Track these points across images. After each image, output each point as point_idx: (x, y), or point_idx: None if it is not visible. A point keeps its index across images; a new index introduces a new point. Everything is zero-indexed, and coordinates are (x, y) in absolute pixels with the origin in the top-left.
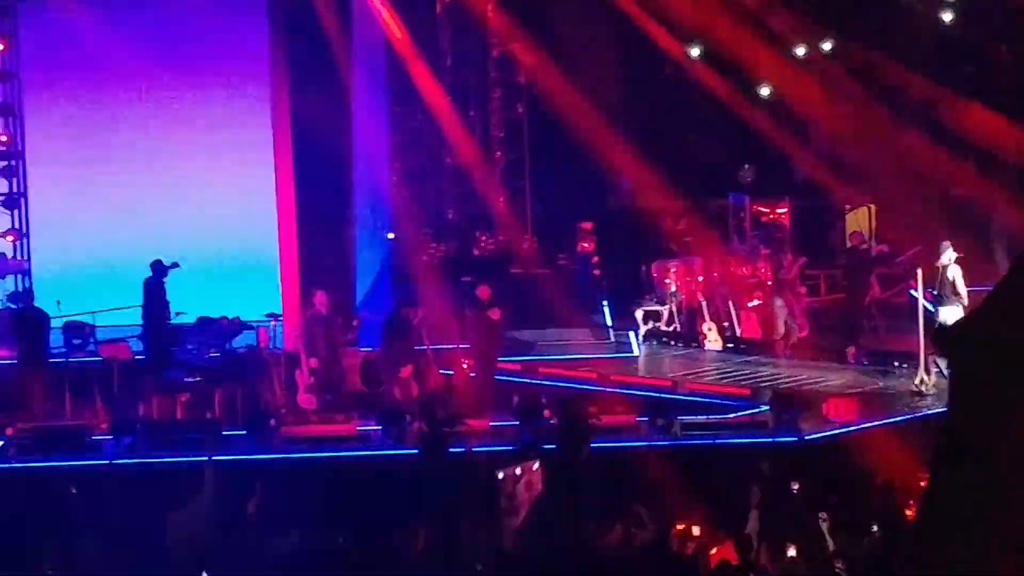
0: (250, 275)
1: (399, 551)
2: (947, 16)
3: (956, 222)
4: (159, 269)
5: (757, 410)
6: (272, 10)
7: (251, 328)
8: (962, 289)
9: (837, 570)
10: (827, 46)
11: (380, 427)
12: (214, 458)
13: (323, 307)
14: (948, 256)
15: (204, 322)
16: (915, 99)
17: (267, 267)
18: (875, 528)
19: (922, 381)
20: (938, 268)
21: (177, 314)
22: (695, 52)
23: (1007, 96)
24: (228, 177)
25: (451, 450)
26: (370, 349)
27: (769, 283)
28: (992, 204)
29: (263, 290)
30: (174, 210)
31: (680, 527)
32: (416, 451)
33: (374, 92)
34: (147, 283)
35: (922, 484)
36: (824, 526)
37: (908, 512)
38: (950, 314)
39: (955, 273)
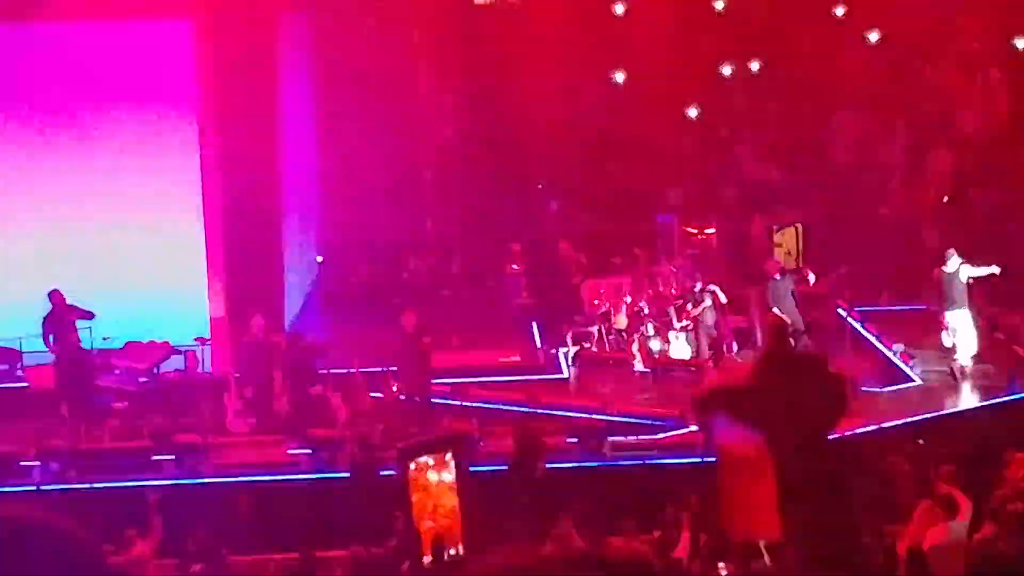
0: (179, 299)
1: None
2: (873, 36)
3: (883, 241)
4: (58, 300)
5: (687, 430)
6: (198, 36)
7: (180, 353)
8: (981, 271)
9: None
10: (755, 66)
11: (311, 451)
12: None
13: (260, 332)
14: (954, 263)
15: (132, 347)
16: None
17: (196, 291)
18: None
19: None
20: (944, 275)
21: (105, 339)
22: (621, 76)
23: (931, 116)
24: (156, 202)
25: (382, 473)
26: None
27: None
28: None
29: (192, 314)
30: (102, 235)
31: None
32: (347, 475)
33: (303, 116)
34: (47, 317)
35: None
36: (762, 543)
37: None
38: (959, 318)
39: (967, 273)
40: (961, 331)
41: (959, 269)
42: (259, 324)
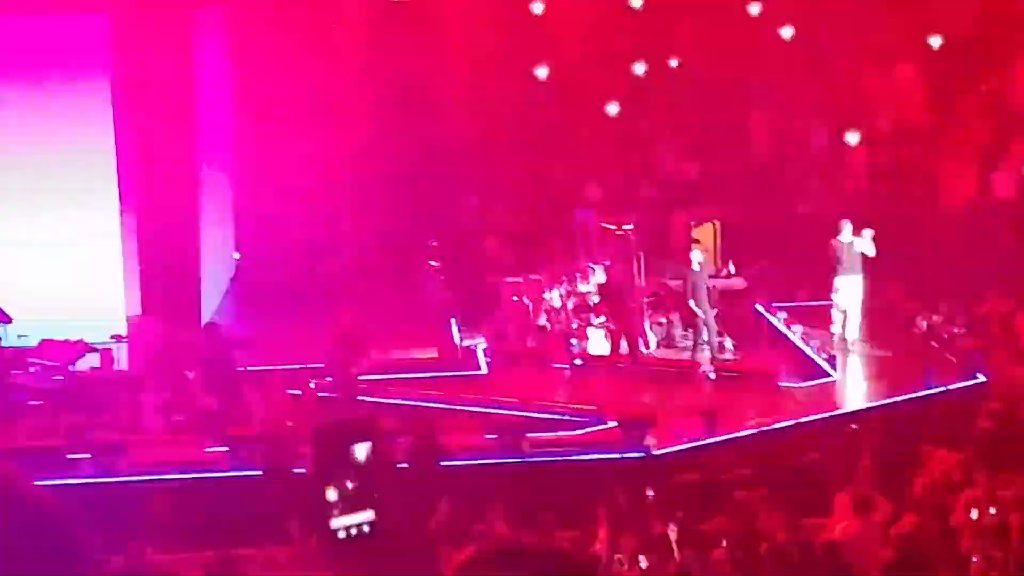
0: (95, 297)
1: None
2: (787, 32)
3: (801, 237)
4: None
5: (605, 426)
6: (117, 32)
7: (95, 351)
8: (871, 252)
9: None
10: (673, 63)
11: (227, 449)
12: None
13: (159, 331)
14: (847, 233)
15: (47, 345)
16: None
17: (112, 289)
18: (724, 542)
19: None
20: (840, 244)
21: (20, 336)
22: (543, 72)
23: (847, 112)
24: (72, 199)
25: (295, 471)
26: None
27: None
28: None
29: (108, 312)
30: (16, 232)
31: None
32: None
33: (220, 111)
34: None
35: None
36: (672, 537)
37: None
38: (849, 283)
39: (863, 246)
40: (849, 297)
41: (853, 240)
42: (157, 325)
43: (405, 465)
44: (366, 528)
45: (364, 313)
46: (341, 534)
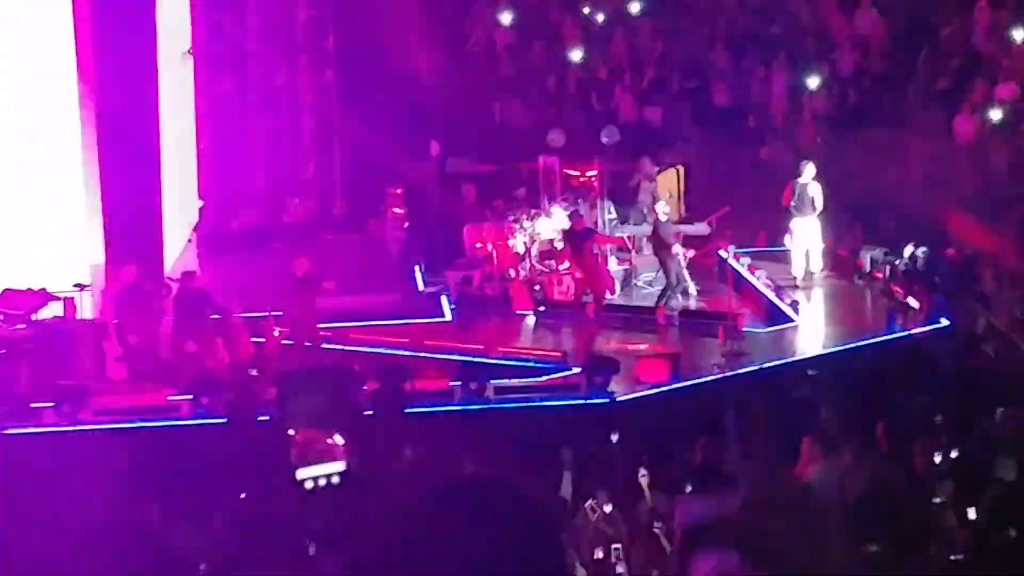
0: (56, 246)
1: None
2: None
3: (763, 182)
4: None
5: (569, 372)
6: None
7: (58, 299)
8: (819, 203)
9: (655, 529)
10: (635, 8)
11: (191, 397)
12: None
13: (131, 278)
14: (808, 174)
15: (9, 294)
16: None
17: (74, 237)
18: (688, 487)
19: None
20: (798, 184)
21: None
22: (506, 18)
23: (809, 57)
24: (33, 147)
25: (259, 418)
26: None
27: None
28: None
29: (70, 261)
30: None
31: None
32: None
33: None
34: None
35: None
36: (644, 482)
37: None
38: (806, 224)
39: (815, 190)
40: (808, 238)
41: (811, 183)
42: (129, 272)
43: (370, 412)
44: (335, 479)
45: (324, 259)
46: (308, 484)
